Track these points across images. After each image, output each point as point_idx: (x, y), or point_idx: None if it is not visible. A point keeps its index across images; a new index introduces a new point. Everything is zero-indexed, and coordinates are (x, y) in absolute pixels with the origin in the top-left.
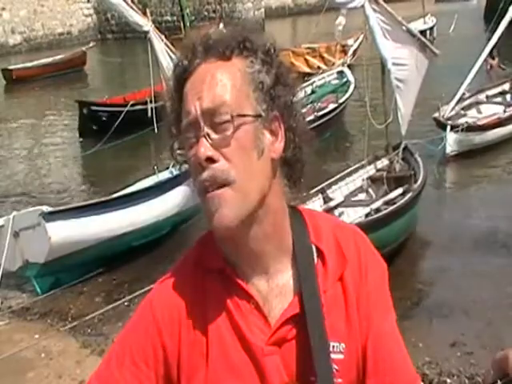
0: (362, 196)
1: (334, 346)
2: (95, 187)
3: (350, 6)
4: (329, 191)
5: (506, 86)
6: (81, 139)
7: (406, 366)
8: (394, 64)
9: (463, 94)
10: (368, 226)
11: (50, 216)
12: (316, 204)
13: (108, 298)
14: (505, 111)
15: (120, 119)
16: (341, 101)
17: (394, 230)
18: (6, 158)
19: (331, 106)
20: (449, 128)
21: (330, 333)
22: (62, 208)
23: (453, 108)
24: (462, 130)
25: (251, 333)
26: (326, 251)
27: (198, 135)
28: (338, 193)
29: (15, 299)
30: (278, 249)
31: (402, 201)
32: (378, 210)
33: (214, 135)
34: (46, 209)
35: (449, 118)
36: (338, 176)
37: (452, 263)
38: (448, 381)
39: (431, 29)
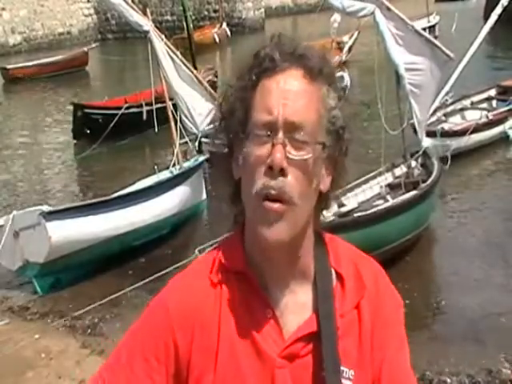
0: (379, 203)
1: (343, 371)
2: (95, 187)
3: (360, 14)
4: (343, 198)
5: (492, 92)
6: (75, 141)
7: None
8: (407, 69)
9: (446, 100)
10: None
11: (50, 216)
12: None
13: (108, 297)
14: (487, 116)
15: (114, 122)
16: None
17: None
18: (5, 157)
19: None
20: (424, 133)
21: (341, 358)
22: (61, 208)
23: (433, 113)
24: (438, 135)
25: (265, 342)
26: (345, 276)
27: (275, 139)
28: (353, 199)
29: (15, 299)
30: (302, 272)
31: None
32: None
33: (290, 150)
34: (46, 208)
35: (429, 124)
36: (354, 183)
37: (454, 265)
38: (448, 381)
39: (432, 27)
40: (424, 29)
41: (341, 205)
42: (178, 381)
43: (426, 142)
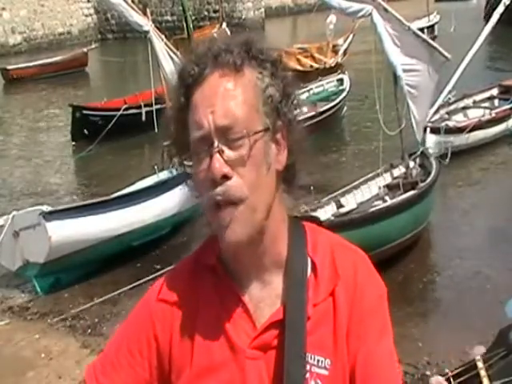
0: (377, 204)
1: (319, 361)
2: (95, 187)
3: (359, 15)
4: (342, 199)
5: (494, 91)
6: (73, 142)
7: None
8: (404, 70)
9: (448, 98)
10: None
11: (50, 216)
12: (328, 211)
13: (108, 297)
14: (490, 114)
15: (112, 124)
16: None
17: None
18: (5, 157)
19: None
20: (428, 130)
21: (316, 347)
22: (62, 208)
23: (436, 112)
24: (442, 131)
25: (237, 335)
26: (319, 264)
27: (211, 150)
28: (351, 200)
29: (15, 299)
30: (274, 261)
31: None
32: None
33: (228, 152)
34: (46, 208)
35: (431, 122)
36: (352, 184)
37: (454, 263)
38: None
39: (432, 27)
40: (422, 28)
41: (339, 206)
42: (161, 372)
43: (430, 139)
